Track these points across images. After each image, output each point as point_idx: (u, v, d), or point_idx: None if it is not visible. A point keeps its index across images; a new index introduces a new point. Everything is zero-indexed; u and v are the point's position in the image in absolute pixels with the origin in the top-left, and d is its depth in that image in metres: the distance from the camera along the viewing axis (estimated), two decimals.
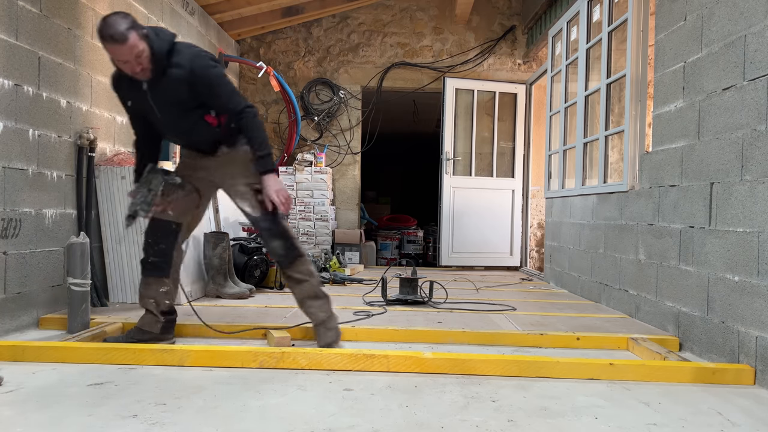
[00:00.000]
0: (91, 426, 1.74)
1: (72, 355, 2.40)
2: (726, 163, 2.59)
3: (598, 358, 2.44)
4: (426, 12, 6.85)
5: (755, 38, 2.42)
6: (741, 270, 2.46)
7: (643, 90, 3.60)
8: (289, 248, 2.69)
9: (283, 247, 2.67)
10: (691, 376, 2.32)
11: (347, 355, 2.38)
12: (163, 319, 2.72)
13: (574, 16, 4.71)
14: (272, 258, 2.75)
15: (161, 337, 2.73)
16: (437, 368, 2.35)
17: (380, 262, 7.57)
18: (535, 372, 2.33)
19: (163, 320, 2.72)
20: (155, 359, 2.38)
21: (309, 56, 6.85)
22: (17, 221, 2.93)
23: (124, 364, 2.37)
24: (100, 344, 2.49)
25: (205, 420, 1.81)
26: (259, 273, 4.44)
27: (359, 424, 1.80)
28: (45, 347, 2.43)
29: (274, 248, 2.68)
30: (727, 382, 2.31)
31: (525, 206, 6.86)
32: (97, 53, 3.66)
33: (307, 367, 2.36)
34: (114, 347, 2.42)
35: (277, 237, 2.67)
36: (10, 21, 2.87)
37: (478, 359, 2.37)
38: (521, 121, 6.82)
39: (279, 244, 2.67)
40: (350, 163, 6.93)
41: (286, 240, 2.69)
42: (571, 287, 4.72)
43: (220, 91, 2.50)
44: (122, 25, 2.26)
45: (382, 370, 2.34)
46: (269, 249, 2.72)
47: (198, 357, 2.39)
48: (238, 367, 2.36)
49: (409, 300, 3.87)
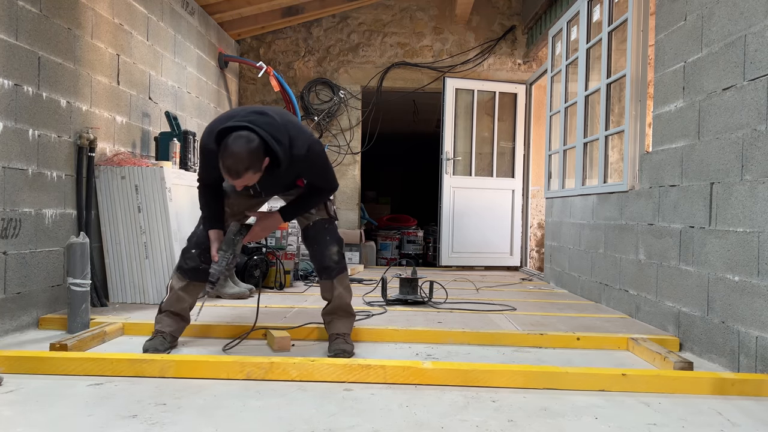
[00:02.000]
0: (91, 426, 1.74)
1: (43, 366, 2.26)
2: (726, 163, 2.59)
3: (610, 368, 2.30)
4: (426, 12, 6.84)
5: (755, 38, 2.42)
6: (741, 270, 2.46)
7: (643, 90, 3.60)
8: (342, 257, 2.72)
9: (338, 254, 2.69)
10: (710, 387, 2.19)
11: (341, 365, 2.25)
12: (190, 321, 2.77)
13: (574, 16, 4.70)
14: (323, 265, 2.68)
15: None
16: (437, 380, 2.22)
17: (380, 262, 7.57)
18: (543, 383, 2.20)
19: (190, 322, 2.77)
20: (133, 370, 2.24)
21: (309, 56, 6.85)
22: (17, 221, 2.93)
23: (99, 375, 2.23)
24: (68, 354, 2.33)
25: (205, 420, 1.81)
26: (259, 273, 4.44)
27: (359, 424, 1.80)
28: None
29: (332, 254, 2.68)
30: (748, 393, 2.16)
31: (525, 206, 6.86)
32: (97, 53, 3.66)
33: (298, 379, 2.22)
34: (84, 357, 2.28)
35: (336, 243, 2.70)
36: (10, 21, 2.87)
37: (481, 369, 2.24)
38: (521, 121, 6.82)
39: (336, 250, 2.69)
40: (350, 163, 6.93)
41: (342, 249, 2.73)
42: (571, 287, 4.72)
43: (321, 171, 2.60)
44: (242, 163, 2.23)
45: (379, 382, 2.21)
46: (325, 255, 2.68)
47: (180, 368, 2.25)
48: (224, 379, 2.21)
49: (409, 300, 3.87)
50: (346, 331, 2.72)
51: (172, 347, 2.65)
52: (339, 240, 2.73)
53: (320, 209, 2.72)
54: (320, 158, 2.53)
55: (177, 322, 2.68)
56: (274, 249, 4.56)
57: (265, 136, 2.28)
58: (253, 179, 2.33)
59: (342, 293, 2.72)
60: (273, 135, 2.32)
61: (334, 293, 2.70)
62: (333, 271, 2.69)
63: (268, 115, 2.39)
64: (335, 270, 2.69)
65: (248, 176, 2.28)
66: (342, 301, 2.73)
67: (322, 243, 2.69)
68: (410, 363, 2.29)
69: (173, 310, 2.66)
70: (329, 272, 2.69)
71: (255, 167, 2.28)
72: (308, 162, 2.46)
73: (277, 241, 4.62)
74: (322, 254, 2.69)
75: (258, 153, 2.26)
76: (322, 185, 2.63)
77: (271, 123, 2.35)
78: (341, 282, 2.72)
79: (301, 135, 2.46)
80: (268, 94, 6.82)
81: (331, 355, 2.55)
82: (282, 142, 2.34)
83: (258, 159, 2.27)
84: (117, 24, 3.92)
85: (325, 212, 2.72)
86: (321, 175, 2.59)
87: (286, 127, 2.41)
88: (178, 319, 2.68)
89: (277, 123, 2.38)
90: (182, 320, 2.70)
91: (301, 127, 2.55)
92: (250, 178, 2.30)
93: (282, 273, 4.50)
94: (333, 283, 2.70)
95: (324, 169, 2.59)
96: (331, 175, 2.64)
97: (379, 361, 2.30)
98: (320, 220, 2.71)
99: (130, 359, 2.28)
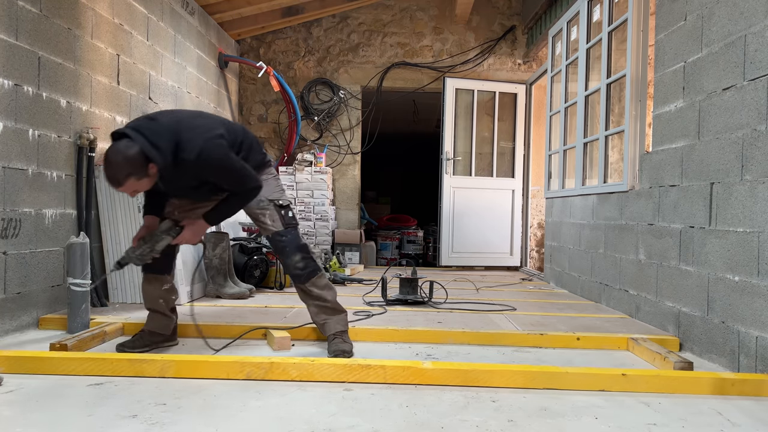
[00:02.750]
0: (91, 426, 1.74)
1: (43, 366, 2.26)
2: (726, 163, 2.59)
3: (610, 368, 2.31)
4: (426, 12, 6.84)
5: (755, 38, 2.42)
6: (741, 270, 2.46)
7: (643, 90, 3.60)
8: (309, 261, 2.69)
9: (302, 260, 2.67)
10: (710, 387, 2.19)
11: (341, 365, 2.25)
12: (176, 317, 2.73)
13: (574, 16, 4.70)
14: (290, 273, 2.70)
15: (172, 339, 2.74)
16: (437, 380, 2.22)
17: (380, 262, 7.57)
18: (543, 383, 2.20)
19: (176, 318, 2.73)
20: (133, 370, 2.24)
21: (309, 56, 6.85)
22: (17, 221, 2.93)
23: (99, 375, 2.24)
24: (68, 354, 2.34)
25: (205, 420, 1.81)
26: (259, 273, 4.44)
27: (359, 424, 1.80)
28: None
29: (294, 263, 2.66)
30: (748, 393, 2.16)
31: (525, 206, 6.86)
32: (97, 53, 3.66)
33: (298, 379, 2.23)
34: (84, 357, 2.29)
35: (298, 250, 2.67)
36: (10, 21, 2.87)
37: (481, 369, 2.24)
38: (521, 121, 6.82)
39: (299, 258, 2.66)
40: (350, 163, 6.93)
41: (306, 254, 2.70)
42: (571, 287, 4.72)
43: (223, 175, 2.45)
44: (121, 171, 2.19)
45: (379, 382, 2.22)
46: (289, 264, 2.68)
47: (180, 368, 2.25)
48: (224, 379, 2.22)
49: (409, 300, 3.87)
50: (342, 328, 2.71)
51: (153, 345, 2.65)
52: (300, 246, 2.68)
53: (275, 220, 2.67)
54: (215, 162, 2.34)
55: (157, 320, 2.69)
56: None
57: (144, 144, 2.22)
58: (143, 185, 2.27)
59: (320, 294, 2.70)
60: (151, 140, 2.24)
61: (311, 296, 2.70)
62: (301, 277, 2.68)
63: (156, 121, 2.34)
64: (303, 276, 2.67)
65: (131, 183, 2.23)
66: (324, 301, 2.71)
67: (283, 254, 2.68)
68: (410, 363, 2.29)
69: (147, 306, 2.71)
70: (298, 279, 2.69)
71: (137, 173, 2.21)
72: (199, 167, 2.32)
73: None
74: (286, 265, 2.70)
75: (135, 160, 2.20)
76: (232, 189, 2.49)
77: (153, 128, 2.29)
78: (315, 284, 2.69)
79: (196, 138, 2.31)
80: (268, 94, 6.82)
81: (331, 356, 2.55)
82: (160, 147, 2.25)
83: (137, 166, 2.21)
84: (117, 24, 3.92)
85: (280, 223, 2.67)
86: (225, 178, 2.43)
87: (177, 130, 2.31)
88: (159, 317, 2.69)
89: (161, 127, 2.30)
90: (163, 316, 2.70)
91: (204, 130, 2.37)
92: (135, 185, 2.25)
93: (282, 273, 4.50)
94: (305, 287, 2.69)
95: (226, 172, 2.40)
96: (242, 178, 2.46)
97: (379, 361, 2.30)
98: (276, 233, 2.67)
99: (130, 359, 2.28)
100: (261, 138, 6.91)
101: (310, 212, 6.33)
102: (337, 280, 4.87)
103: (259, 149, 2.69)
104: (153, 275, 2.67)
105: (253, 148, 2.63)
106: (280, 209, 2.69)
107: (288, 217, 2.70)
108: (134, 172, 2.21)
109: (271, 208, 2.68)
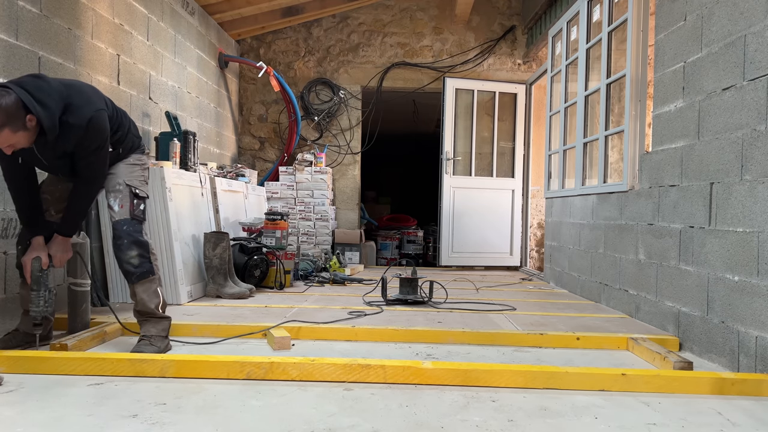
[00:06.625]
0: (91, 426, 1.74)
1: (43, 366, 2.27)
2: (726, 163, 2.59)
3: (610, 368, 2.30)
4: (426, 12, 6.85)
5: (755, 38, 2.42)
6: (741, 270, 2.46)
7: (643, 90, 3.60)
8: (146, 260, 2.59)
9: (139, 257, 2.57)
10: (709, 387, 2.19)
11: (341, 365, 2.24)
12: (52, 318, 2.69)
13: (574, 16, 4.71)
14: (122, 269, 2.59)
15: (47, 338, 2.68)
16: (437, 380, 2.21)
17: (380, 262, 7.57)
18: (543, 383, 2.20)
19: (53, 320, 2.71)
20: (134, 370, 2.24)
21: (309, 56, 6.85)
22: (17, 221, 2.92)
23: (99, 375, 2.23)
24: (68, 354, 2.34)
25: (205, 420, 1.81)
26: (259, 273, 4.44)
27: (359, 423, 1.81)
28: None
29: (129, 257, 2.56)
30: (748, 393, 2.17)
31: (525, 206, 6.87)
32: (97, 53, 3.66)
33: (298, 378, 2.22)
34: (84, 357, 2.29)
35: (136, 246, 2.57)
36: (10, 21, 2.87)
37: (481, 369, 2.24)
38: (521, 121, 6.83)
39: (136, 254, 2.57)
40: (350, 163, 6.93)
41: (145, 252, 2.60)
42: (571, 287, 4.72)
43: (92, 150, 2.45)
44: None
45: (379, 381, 2.21)
46: (122, 258, 2.57)
47: (180, 368, 2.24)
48: (224, 379, 2.22)
49: (409, 300, 3.87)
50: (156, 333, 2.61)
51: (26, 345, 2.58)
52: (140, 242, 2.58)
53: (124, 206, 2.59)
54: (98, 134, 2.38)
55: (29, 321, 2.57)
56: (274, 249, 4.56)
57: (22, 94, 2.20)
58: (19, 138, 2.23)
59: (144, 300, 2.60)
60: (36, 96, 2.23)
61: (136, 298, 2.61)
62: (133, 275, 2.58)
63: (43, 79, 2.32)
64: (135, 274, 2.57)
65: (6, 134, 2.19)
66: (144, 307, 2.61)
67: (119, 247, 2.58)
68: (410, 363, 2.29)
69: (24, 308, 2.64)
70: (129, 276, 2.59)
71: (12, 124, 2.17)
72: (82, 133, 2.34)
73: (277, 241, 4.62)
74: (119, 259, 2.58)
75: (11, 109, 2.16)
76: (86, 173, 2.48)
77: (40, 86, 2.27)
78: (144, 288, 2.60)
79: (88, 106, 2.35)
80: (268, 94, 6.82)
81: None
82: (47, 105, 2.23)
83: (13, 116, 2.17)
84: (117, 24, 3.92)
85: (127, 211, 2.59)
86: (90, 155, 2.43)
87: (67, 94, 2.32)
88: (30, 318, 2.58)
89: (50, 87, 2.29)
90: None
91: (96, 102, 2.40)
92: (11, 137, 2.21)
93: (282, 273, 4.51)
94: (134, 288, 2.60)
95: (96, 148, 2.42)
96: (100, 163, 2.47)
97: (379, 361, 2.30)
98: (119, 220, 2.58)
99: (130, 359, 2.28)
100: (261, 138, 6.92)
101: (310, 212, 6.33)
102: (337, 280, 4.87)
103: (136, 133, 2.74)
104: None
105: (130, 130, 2.70)
106: (134, 198, 2.61)
107: (138, 209, 2.62)
108: (8, 122, 2.18)
109: (125, 193, 2.61)
